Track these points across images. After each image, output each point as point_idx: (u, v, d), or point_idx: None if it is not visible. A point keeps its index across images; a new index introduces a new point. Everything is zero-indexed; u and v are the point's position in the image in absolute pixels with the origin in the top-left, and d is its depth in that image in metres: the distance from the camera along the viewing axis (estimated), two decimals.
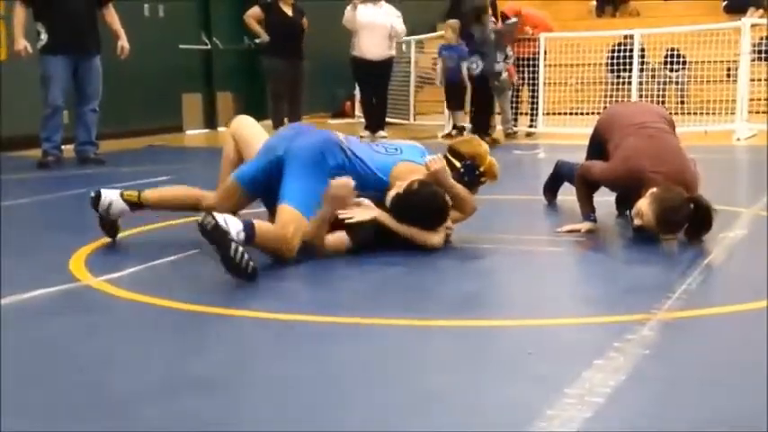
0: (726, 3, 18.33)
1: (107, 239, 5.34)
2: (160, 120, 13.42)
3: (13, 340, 3.58)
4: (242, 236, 4.41)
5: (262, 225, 4.69)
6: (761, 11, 17.11)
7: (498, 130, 13.00)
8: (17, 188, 7.97)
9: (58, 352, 3.47)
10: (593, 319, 3.82)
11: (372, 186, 5.06)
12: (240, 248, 4.27)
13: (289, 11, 12.06)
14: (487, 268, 5.00)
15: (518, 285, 4.70)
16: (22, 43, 9.33)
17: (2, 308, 3.96)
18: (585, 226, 5.61)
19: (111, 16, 10.00)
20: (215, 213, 4.37)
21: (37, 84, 9.68)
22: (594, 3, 19.64)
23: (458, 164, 5.26)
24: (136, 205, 5.19)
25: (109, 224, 5.23)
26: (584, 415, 2.67)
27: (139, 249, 5.14)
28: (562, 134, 12.60)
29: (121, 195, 5.14)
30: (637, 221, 5.26)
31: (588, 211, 5.67)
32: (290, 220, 4.72)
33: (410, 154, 5.30)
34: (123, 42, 10.08)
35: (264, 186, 5.04)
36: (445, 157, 5.27)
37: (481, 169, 5.29)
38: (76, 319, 3.91)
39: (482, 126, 12.39)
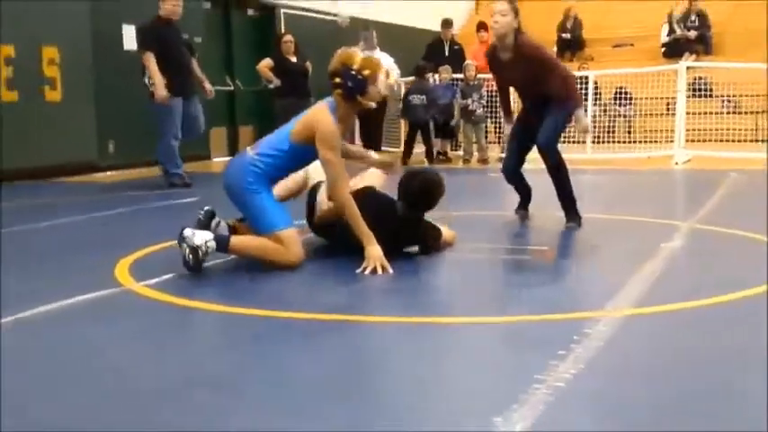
0: (664, 49, 18.39)
1: (150, 250, 5.36)
2: (192, 149, 13.39)
3: (60, 338, 3.57)
4: (211, 244, 4.60)
5: (245, 240, 4.82)
6: (694, 55, 17.21)
7: (475, 156, 13.07)
8: (66, 209, 7.97)
9: (96, 349, 3.44)
10: (555, 317, 3.81)
11: (283, 156, 4.87)
12: (188, 251, 4.53)
13: (293, 58, 12.26)
14: (463, 274, 4.97)
15: (491, 288, 4.69)
16: (164, 92, 9.21)
17: (50, 311, 3.95)
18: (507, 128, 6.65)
19: (196, 66, 9.98)
20: (186, 228, 4.63)
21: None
22: (555, 49, 19.69)
23: (338, 79, 4.86)
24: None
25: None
26: (551, 397, 2.67)
27: (177, 258, 5.09)
28: (530, 159, 12.59)
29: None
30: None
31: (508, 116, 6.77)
32: (277, 239, 4.75)
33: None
34: (208, 86, 10.23)
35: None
36: (334, 86, 4.93)
37: (355, 67, 4.84)
38: (118, 320, 3.89)
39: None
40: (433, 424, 2.55)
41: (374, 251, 4.69)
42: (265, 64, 12.27)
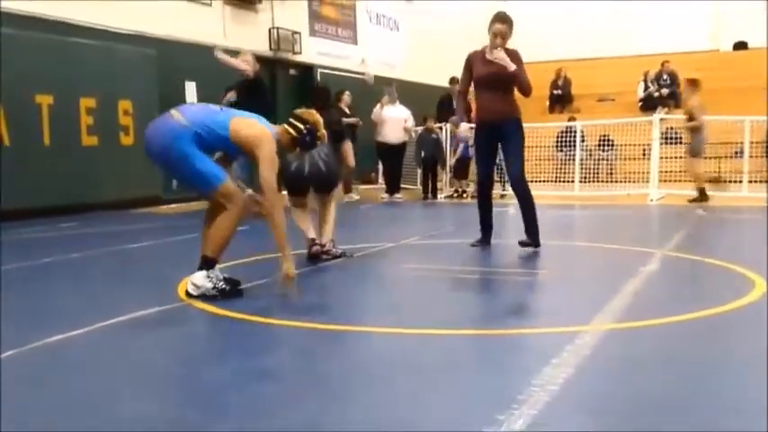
0: (641, 103, 18.38)
1: None
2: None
3: (133, 343, 3.60)
4: (221, 282, 4.46)
5: (212, 239, 4.50)
6: (666, 109, 17.18)
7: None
8: (140, 235, 8.01)
9: (164, 351, 3.48)
10: (547, 329, 3.79)
11: (217, 141, 4.47)
12: (216, 291, 4.41)
13: (347, 110, 12.66)
14: (466, 291, 4.97)
15: (490, 304, 4.67)
16: None
17: (124, 321, 3.97)
18: (464, 126, 7.01)
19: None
20: (187, 290, 4.48)
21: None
22: (548, 103, 19.71)
23: (302, 126, 4.73)
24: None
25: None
26: (546, 398, 2.66)
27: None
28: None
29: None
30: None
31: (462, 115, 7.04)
32: (221, 194, 4.45)
33: (237, 113, 4.68)
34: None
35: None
36: (290, 123, 4.75)
37: (319, 133, 4.80)
38: (178, 328, 3.92)
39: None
40: (442, 420, 2.55)
41: (290, 270, 4.44)
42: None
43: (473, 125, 6.81)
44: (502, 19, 6.33)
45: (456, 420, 2.53)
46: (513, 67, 6.17)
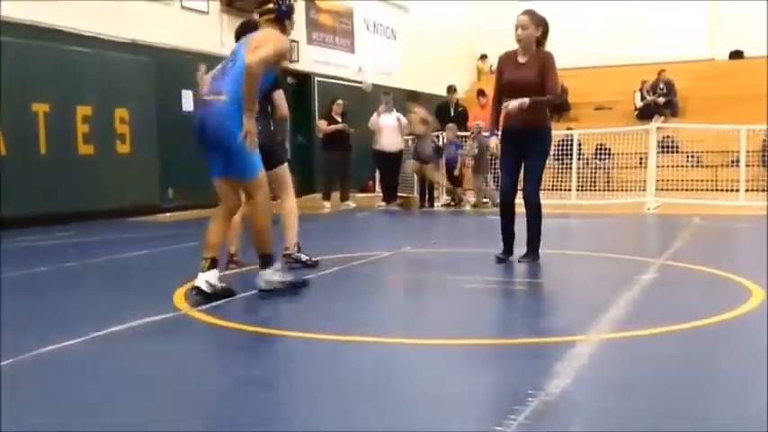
0: (637, 112, 18.42)
1: None
2: None
3: (133, 350, 3.60)
4: (269, 269, 4.63)
5: (255, 241, 4.68)
6: (663, 117, 17.24)
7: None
8: (136, 244, 8.01)
9: (162, 361, 3.47)
10: (545, 339, 3.80)
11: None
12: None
13: (340, 119, 13.08)
14: (466, 301, 4.94)
15: (490, 314, 4.67)
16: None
17: (121, 331, 3.97)
18: (494, 140, 6.18)
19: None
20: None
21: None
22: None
23: (271, 5, 4.77)
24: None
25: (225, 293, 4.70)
26: (543, 408, 2.66)
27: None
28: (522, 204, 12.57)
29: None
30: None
31: (493, 127, 6.18)
32: (256, 183, 4.59)
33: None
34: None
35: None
36: (260, 14, 4.83)
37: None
38: (174, 337, 3.92)
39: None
40: (439, 430, 2.55)
41: (250, 125, 4.44)
42: (323, 123, 13.19)
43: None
44: (526, 11, 6.04)
45: (453, 430, 2.53)
46: (526, 103, 5.85)
